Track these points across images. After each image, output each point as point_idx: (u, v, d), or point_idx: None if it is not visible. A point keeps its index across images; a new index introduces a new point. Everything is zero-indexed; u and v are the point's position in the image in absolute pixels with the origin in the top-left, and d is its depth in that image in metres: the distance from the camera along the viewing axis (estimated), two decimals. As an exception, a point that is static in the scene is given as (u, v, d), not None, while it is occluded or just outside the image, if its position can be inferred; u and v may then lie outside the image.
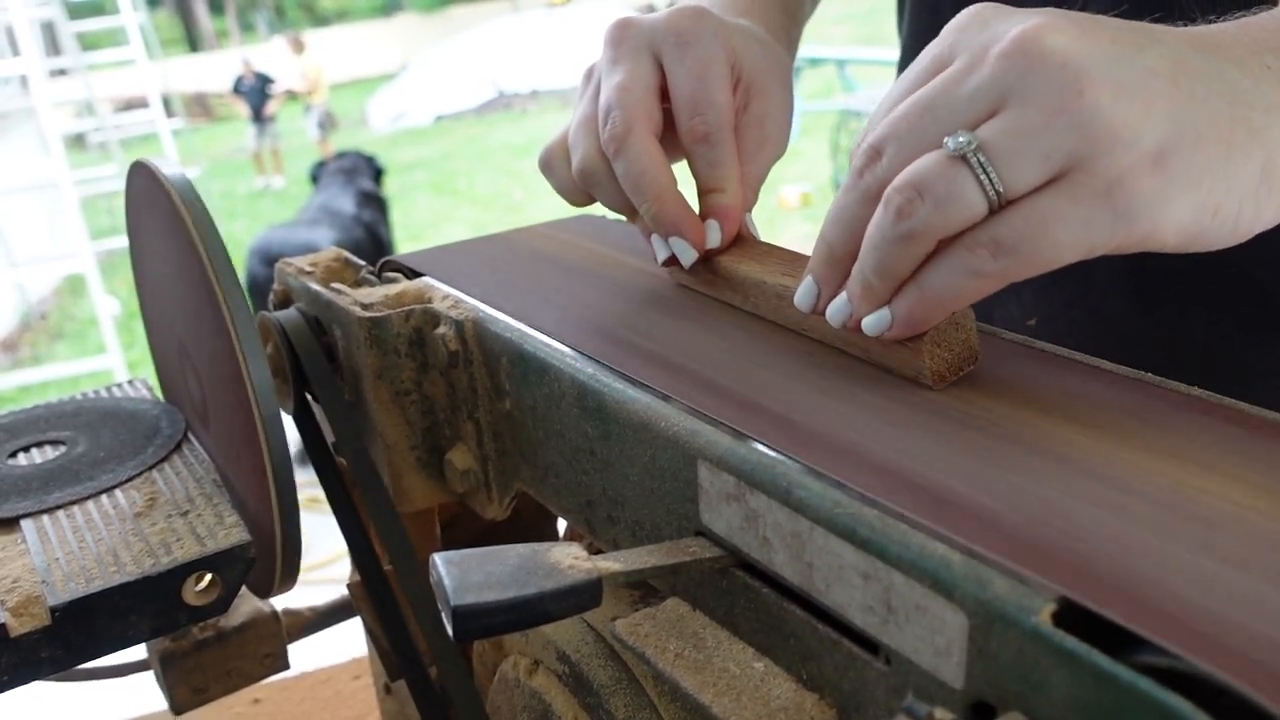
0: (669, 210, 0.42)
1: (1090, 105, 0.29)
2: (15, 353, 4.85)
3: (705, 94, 0.42)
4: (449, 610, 0.28)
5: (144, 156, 0.47)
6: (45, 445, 0.51)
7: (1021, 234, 0.30)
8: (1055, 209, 0.30)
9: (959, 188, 0.31)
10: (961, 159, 0.31)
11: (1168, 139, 0.29)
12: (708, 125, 0.42)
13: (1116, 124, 0.29)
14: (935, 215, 0.31)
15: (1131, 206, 0.29)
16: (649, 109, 0.43)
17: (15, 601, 0.40)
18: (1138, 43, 0.30)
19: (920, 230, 0.32)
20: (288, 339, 0.49)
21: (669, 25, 0.43)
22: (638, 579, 0.31)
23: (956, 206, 0.31)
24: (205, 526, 0.44)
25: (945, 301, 0.33)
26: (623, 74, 0.43)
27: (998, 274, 0.31)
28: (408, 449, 0.48)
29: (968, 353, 0.35)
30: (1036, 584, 0.23)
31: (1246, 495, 0.27)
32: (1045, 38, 0.30)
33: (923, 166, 0.31)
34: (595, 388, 0.37)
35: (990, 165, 0.30)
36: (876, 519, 0.27)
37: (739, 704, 0.30)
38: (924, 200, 0.31)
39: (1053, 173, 0.30)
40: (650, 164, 0.42)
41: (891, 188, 0.32)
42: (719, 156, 0.43)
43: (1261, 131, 0.30)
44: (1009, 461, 0.29)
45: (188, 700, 0.50)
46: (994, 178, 0.30)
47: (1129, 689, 0.21)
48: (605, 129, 0.42)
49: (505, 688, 0.44)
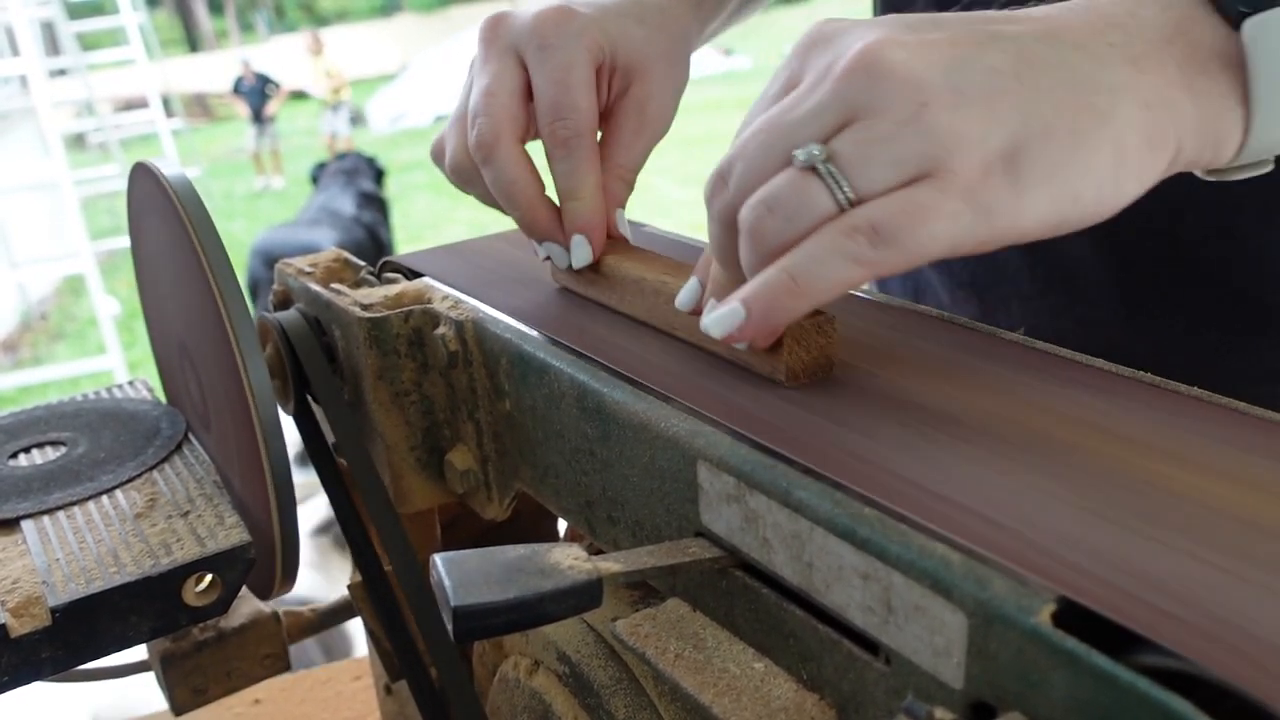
0: (539, 218, 0.44)
1: (934, 115, 0.29)
2: (15, 353, 4.85)
3: (565, 99, 0.43)
4: (449, 610, 0.28)
5: (145, 158, 0.47)
6: (46, 446, 0.51)
7: (899, 222, 0.30)
8: (928, 199, 0.30)
9: (810, 197, 0.31)
10: (811, 170, 0.31)
11: (1015, 137, 0.30)
12: (566, 130, 0.43)
13: (961, 130, 0.29)
14: (785, 227, 0.31)
15: (990, 206, 0.30)
16: (514, 114, 0.43)
17: (16, 602, 0.40)
18: (979, 42, 0.31)
19: (777, 245, 0.32)
20: (287, 339, 0.49)
21: (533, 28, 0.44)
22: (638, 579, 0.31)
23: (808, 216, 0.31)
24: (205, 527, 0.44)
25: (815, 288, 0.31)
26: (489, 77, 0.44)
27: (873, 263, 0.30)
28: (408, 449, 0.48)
29: (825, 361, 0.35)
30: (1036, 584, 0.23)
31: (1246, 494, 0.27)
32: (885, 53, 0.30)
33: (773, 183, 0.32)
34: (595, 388, 0.37)
35: (840, 174, 0.30)
36: (876, 519, 0.27)
37: (739, 704, 0.30)
38: (774, 215, 0.31)
39: (906, 178, 0.30)
40: (518, 173, 0.43)
41: (744, 208, 0.32)
42: (575, 164, 0.43)
43: (1108, 114, 0.30)
44: (1004, 462, 0.29)
45: (188, 701, 0.50)
46: (844, 185, 0.30)
47: (1129, 689, 0.21)
48: (473, 135, 0.43)
49: (506, 688, 0.44)
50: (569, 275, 0.46)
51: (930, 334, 0.39)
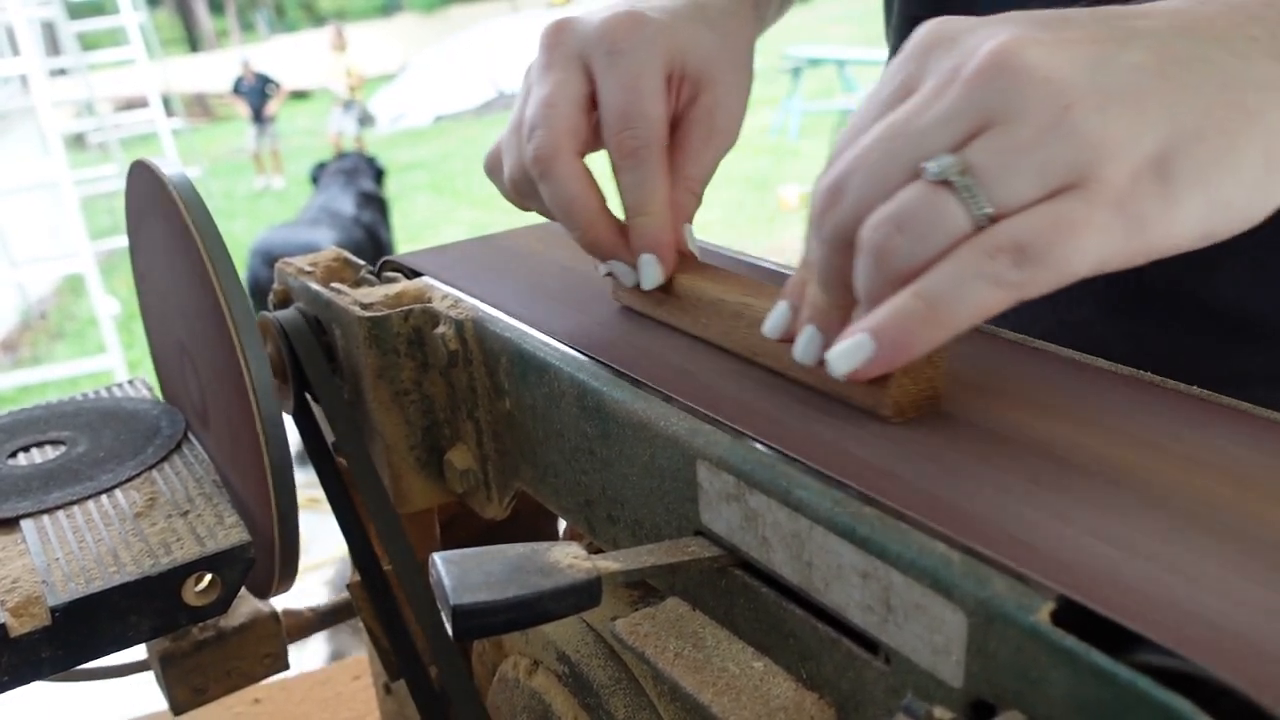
0: (602, 237, 0.41)
1: (1080, 118, 0.27)
2: (15, 353, 4.85)
3: (635, 107, 0.40)
4: (449, 610, 0.28)
5: (144, 156, 0.47)
6: (45, 445, 0.51)
7: (1048, 240, 0.27)
8: (1077, 213, 0.27)
9: (944, 214, 0.28)
10: (945, 184, 0.28)
11: (1167, 140, 0.27)
12: (635, 140, 0.40)
13: (1111, 134, 0.27)
14: (916, 247, 0.28)
15: (1143, 216, 0.27)
16: (574, 125, 0.41)
17: (15, 602, 0.40)
18: (1117, 39, 0.28)
19: (903, 266, 0.28)
20: (287, 339, 0.49)
21: (602, 33, 0.41)
22: (637, 578, 0.31)
23: (942, 235, 0.28)
24: (205, 527, 0.44)
25: (955, 315, 0.28)
26: (550, 86, 0.41)
27: (1017, 285, 0.27)
28: (407, 449, 0.48)
29: (931, 392, 0.33)
30: (1035, 583, 0.23)
31: (1246, 494, 0.27)
32: (1022, 52, 0.28)
33: (900, 198, 0.29)
34: (595, 387, 0.37)
35: (978, 187, 0.28)
36: (876, 518, 0.27)
37: (738, 703, 0.30)
38: (904, 234, 0.28)
39: (1050, 189, 0.27)
40: (577, 189, 0.40)
41: (867, 226, 0.29)
42: (643, 176, 0.41)
43: (1258, 114, 0.28)
44: (1004, 461, 0.29)
45: (188, 700, 0.50)
46: (982, 199, 0.28)
47: (1128, 688, 0.21)
48: (529, 149, 0.40)
49: (505, 688, 0.44)
50: (633, 294, 0.43)
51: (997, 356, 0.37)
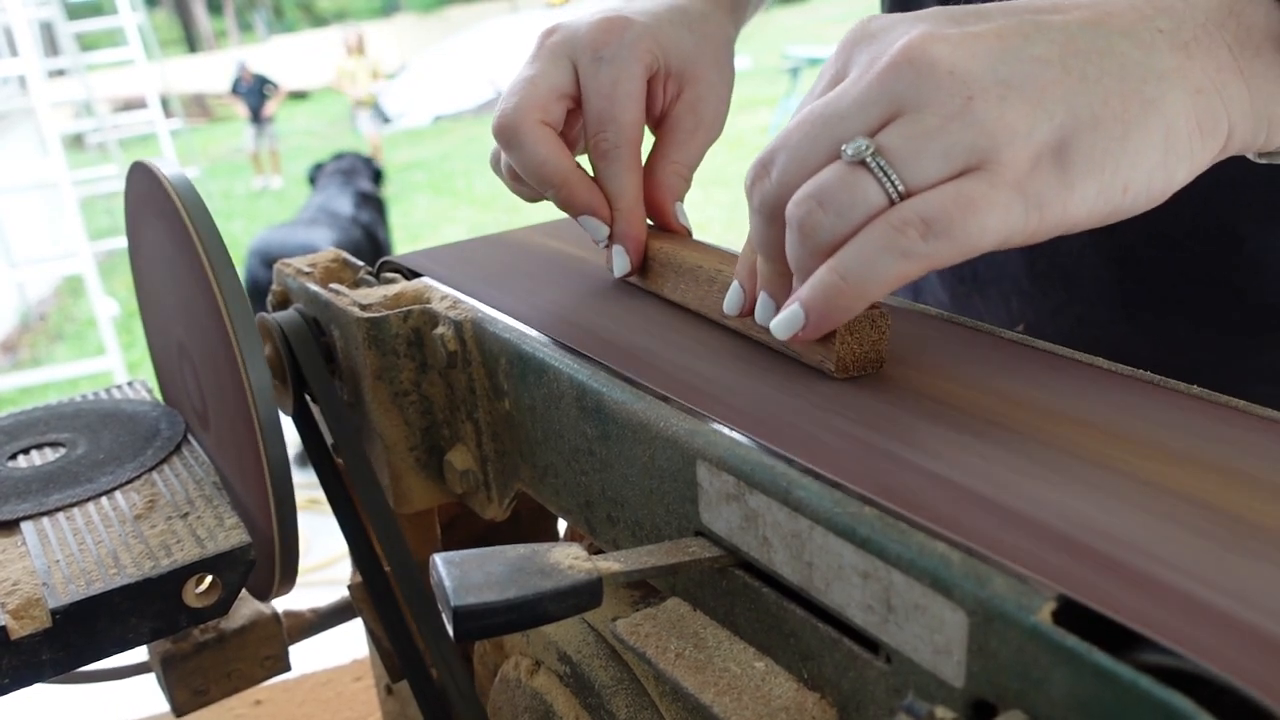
0: (577, 192, 0.44)
1: (980, 108, 0.29)
2: (15, 354, 4.85)
3: (611, 111, 0.44)
4: (449, 611, 0.28)
5: (143, 157, 0.47)
6: (45, 447, 0.51)
7: (950, 214, 0.29)
8: (979, 191, 0.29)
9: (860, 192, 0.30)
10: (860, 164, 0.30)
11: (1064, 128, 0.29)
12: (609, 141, 0.44)
13: (1009, 122, 0.29)
14: (838, 221, 0.31)
15: (1041, 197, 0.30)
16: (544, 102, 0.44)
17: (16, 604, 0.40)
18: (1024, 32, 0.30)
19: (826, 239, 0.31)
20: (286, 340, 0.49)
21: (587, 37, 0.44)
22: (638, 579, 0.31)
23: (859, 210, 0.31)
24: (205, 528, 0.44)
25: (869, 287, 0.31)
26: (531, 70, 0.44)
27: (925, 256, 0.30)
28: (407, 450, 0.48)
29: (875, 355, 0.35)
30: (1036, 582, 0.23)
31: (1247, 494, 0.27)
32: (929, 47, 0.30)
33: (821, 177, 0.31)
34: (594, 388, 0.37)
35: (890, 167, 0.30)
36: (876, 518, 0.27)
37: (740, 704, 0.30)
38: (825, 210, 0.31)
39: (955, 170, 0.30)
40: (545, 150, 0.43)
41: (792, 202, 0.32)
42: (616, 172, 0.44)
43: (1156, 101, 0.30)
44: (1006, 460, 0.29)
45: (189, 702, 0.50)
46: (894, 178, 0.30)
47: (1129, 687, 0.21)
48: (495, 120, 0.44)
49: (506, 688, 0.44)
50: None
51: (941, 335, 0.39)
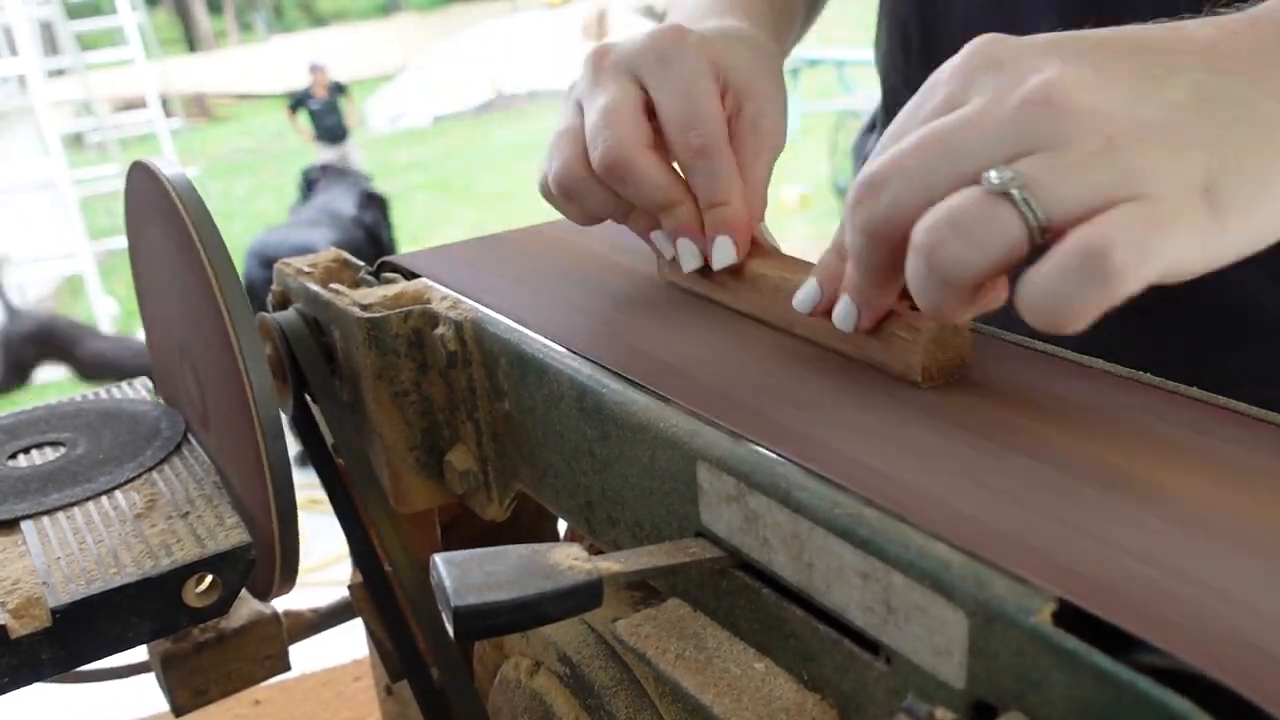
0: (693, 216, 0.42)
1: (1123, 147, 0.28)
2: (14, 353, 4.84)
3: (695, 109, 0.42)
4: (449, 611, 0.28)
5: (143, 157, 0.47)
6: (45, 446, 0.51)
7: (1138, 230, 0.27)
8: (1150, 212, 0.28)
9: (1000, 223, 0.29)
10: (1003, 195, 0.29)
11: (1208, 170, 0.29)
12: (702, 138, 0.42)
13: (1152, 159, 0.28)
14: (976, 255, 0.29)
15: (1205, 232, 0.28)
16: (640, 126, 0.42)
17: (16, 603, 0.40)
18: (1156, 75, 0.30)
19: (960, 274, 0.29)
20: (286, 340, 0.49)
21: (648, 46, 0.43)
22: (638, 580, 0.31)
23: (998, 244, 0.29)
24: (205, 528, 0.44)
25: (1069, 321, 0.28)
26: (607, 96, 0.42)
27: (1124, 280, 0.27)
28: (407, 450, 0.48)
29: (958, 359, 0.35)
30: (1036, 584, 0.23)
31: (1246, 495, 0.27)
32: (1069, 89, 0.29)
33: (956, 204, 0.29)
34: (594, 388, 0.37)
35: (1033, 200, 0.28)
36: (876, 519, 0.27)
37: (740, 704, 0.30)
38: (961, 240, 0.29)
39: (1102, 204, 0.28)
40: (666, 177, 0.42)
41: (922, 228, 0.30)
42: (717, 169, 0.42)
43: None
44: (1008, 464, 0.29)
45: (188, 702, 0.50)
46: (1037, 210, 0.28)
47: (1129, 689, 0.21)
48: (598, 154, 0.41)
49: (506, 689, 0.44)
50: (680, 272, 0.45)
51: None
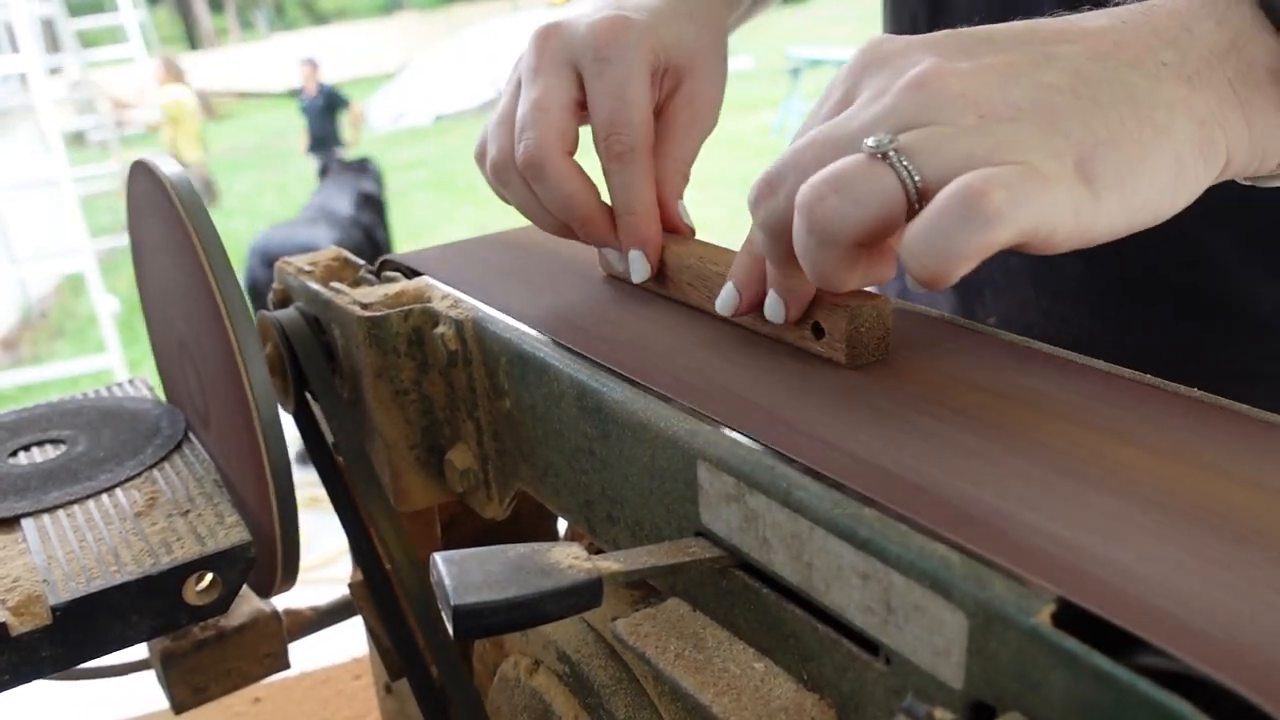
0: (600, 228, 0.44)
1: (995, 124, 0.29)
2: (15, 351, 4.85)
3: (621, 114, 0.43)
4: (449, 610, 0.28)
5: (144, 155, 0.47)
6: (46, 444, 0.51)
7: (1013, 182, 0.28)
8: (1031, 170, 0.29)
9: (879, 181, 0.30)
10: (881, 157, 0.30)
11: (1083, 145, 0.30)
12: (621, 145, 0.43)
13: (1026, 137, 0.29)
14: (855, 210, 0.30)
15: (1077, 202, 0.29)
16: (563, 128, 0.43)
17: (16, 600, 0.40)
18: (1034, 62, 0.31)
19: (841, 229, 0.30)
20: (287, 338, 0.49)
21: (588, 39, 0.44)
22: (638, 579, 0.31)
23: (877, 199, 0.30)
24: (206, 526, 0.44)
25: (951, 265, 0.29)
26: (540, 90, 0.44)
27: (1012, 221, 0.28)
28: (407, 448, 0.48)
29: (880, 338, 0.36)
30: (1036, 584, 0.23)
31: (1246, 495, 0.27)
32: (944, 74, 0.30)
33: (836, 165, 0.31)
34: (594, 387, 0.37)
35: (909, 160, 0.29)
36: (876, 519, 0.27)
37: (739, 704, 0.30)
38: (840, 196, 0.30)
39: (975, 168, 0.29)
40: (572, 185, 0.43)
41: (805, 185, 0.31)
42: (630, 177, 0.44)
43: (1167, 128, 0.30)
44: (1001, 464, 0.29)
45: (188, 699, 0.50)
46: (913, 171, 0.29)
47: (1128, 690, 0.21)
48: (520, 150, 0.43)
49: (506, 688, 0.44)
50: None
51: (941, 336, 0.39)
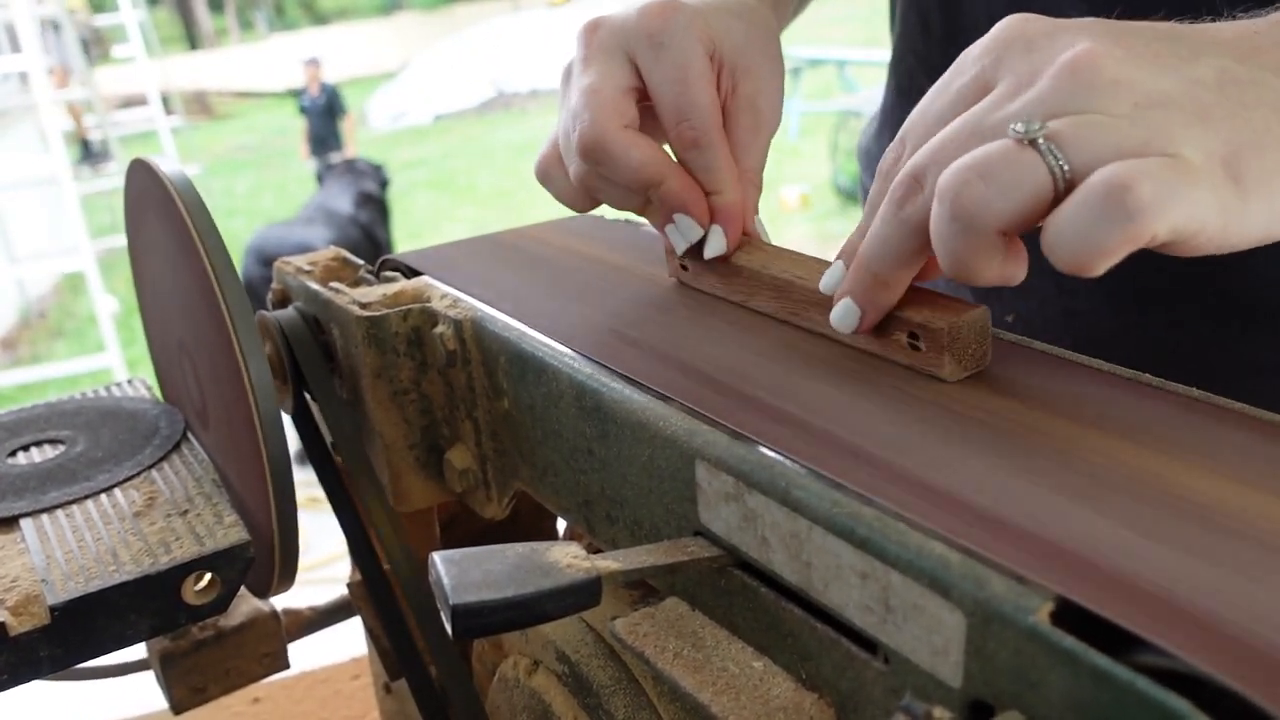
0: (681, 186, 0.42)
1: (1150, 113, 0.29)
2: (15, 351, 4.85)
3: (687, 97, 0.41)
4: (448, 609, 0.28)
5: (143, 154, 0.47)
6: (44, 444, 0.51)
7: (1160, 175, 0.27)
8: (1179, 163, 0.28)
9: (1028, 169, 0.29)
10: (1029, 144, 0.29)
11: (1230, 143, 0.29)
12: (695, 130, 0.41)
13: (1178, 129, 0.29)
14: (1000, 199, 0.29)
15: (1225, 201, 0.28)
16: (620, 107, 0.41)
17: (15, 600, 0.40)
18: (1183, 56, 0.30)
19: (984, 217, 0.29)
20: (286, 338, 0.49)
21: (640, 26, 0.42)
22: (636, 578, 0.31)
23: (1025, 189, 0.29)
24: (204, 526, 0.44)
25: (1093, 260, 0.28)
26: (592, 76, 0.42)
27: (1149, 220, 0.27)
28: (406, 448, 0.48)
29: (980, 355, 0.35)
30: (1034, 583, 0.23)
31: (1247, 496, 0.27)
32: (1099, 61, 0.29)
33: (981, 152, 0.30)
34: (593, 387, 0.37)
35: (1059, 148, 0.29)
36: (875, 518, 0.27)
37: (738, 703, 0.30)
38: (987, 184, 0.29)
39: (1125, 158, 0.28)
40: (642, 153, 0.41)
41: (947, 171, 0.30)
42: (711, 160, 0.42)
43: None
44: (1012, 461, 0.29)
45: (187, 700, 0.50)
46: (1062, 160, 0.29)
47: (1127, 688, 0.21)
48: (576, 136, 0.41)
49: (505, 688, 0.44)
50: (690, 271, 0.44)
51: None
